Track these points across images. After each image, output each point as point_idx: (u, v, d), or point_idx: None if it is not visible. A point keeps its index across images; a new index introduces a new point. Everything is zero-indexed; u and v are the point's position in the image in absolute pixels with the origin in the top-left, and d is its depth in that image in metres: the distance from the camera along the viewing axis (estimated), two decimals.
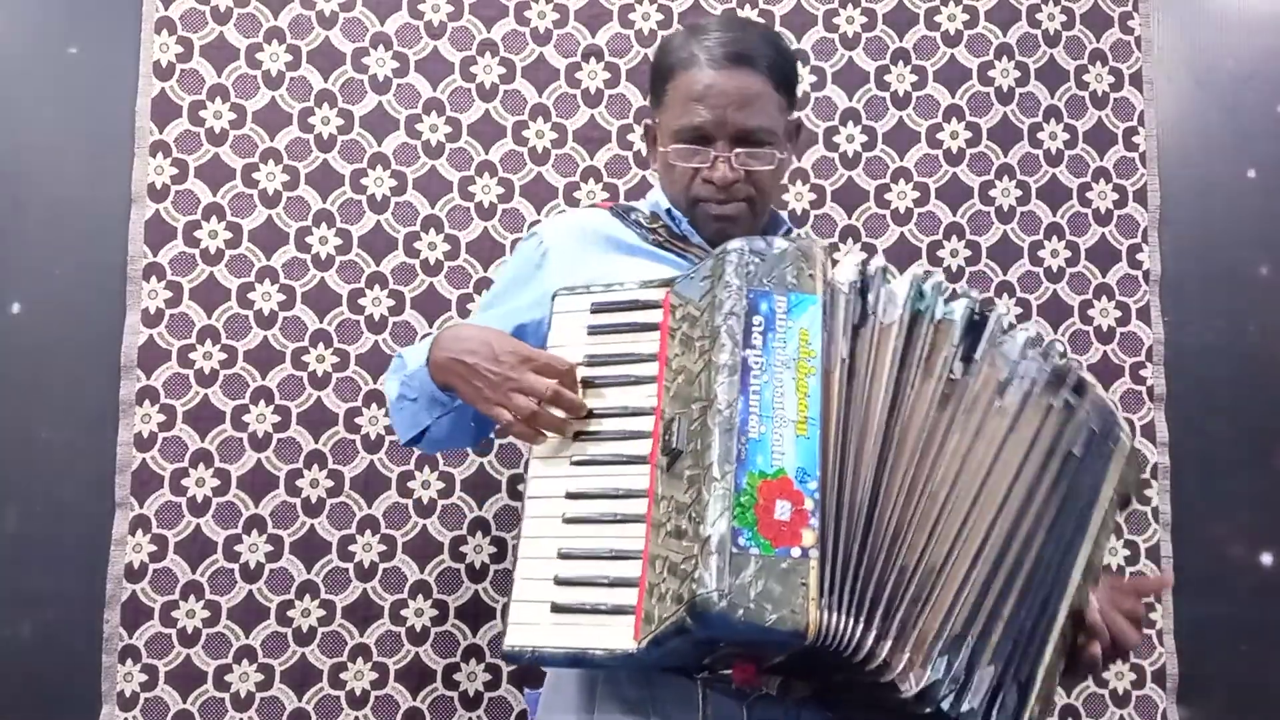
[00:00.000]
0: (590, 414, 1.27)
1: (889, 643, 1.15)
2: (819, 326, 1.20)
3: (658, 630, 1.12)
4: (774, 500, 1.11)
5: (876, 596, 1.16)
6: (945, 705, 1.15)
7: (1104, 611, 1.32)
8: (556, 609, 1.18)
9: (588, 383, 1.28)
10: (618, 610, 1.15)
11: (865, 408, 1.20)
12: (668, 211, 1.53)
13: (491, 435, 1.81)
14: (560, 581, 1.19)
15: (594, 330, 1.31)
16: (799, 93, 1.55)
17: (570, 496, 1.24)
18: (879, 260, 1.29)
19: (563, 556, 1.21)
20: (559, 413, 1.26)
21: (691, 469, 1.16)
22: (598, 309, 1.31)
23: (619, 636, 1.15)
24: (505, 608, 1.22)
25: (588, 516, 1.22)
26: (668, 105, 1.49)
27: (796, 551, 1.10)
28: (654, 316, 1.28)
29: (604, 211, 1.58)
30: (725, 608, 1.07)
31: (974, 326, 1.28)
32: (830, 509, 1.15)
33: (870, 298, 1.24)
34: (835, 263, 1.26)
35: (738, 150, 1.45)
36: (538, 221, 1.91)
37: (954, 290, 1.30)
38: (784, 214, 1.69)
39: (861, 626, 1.14)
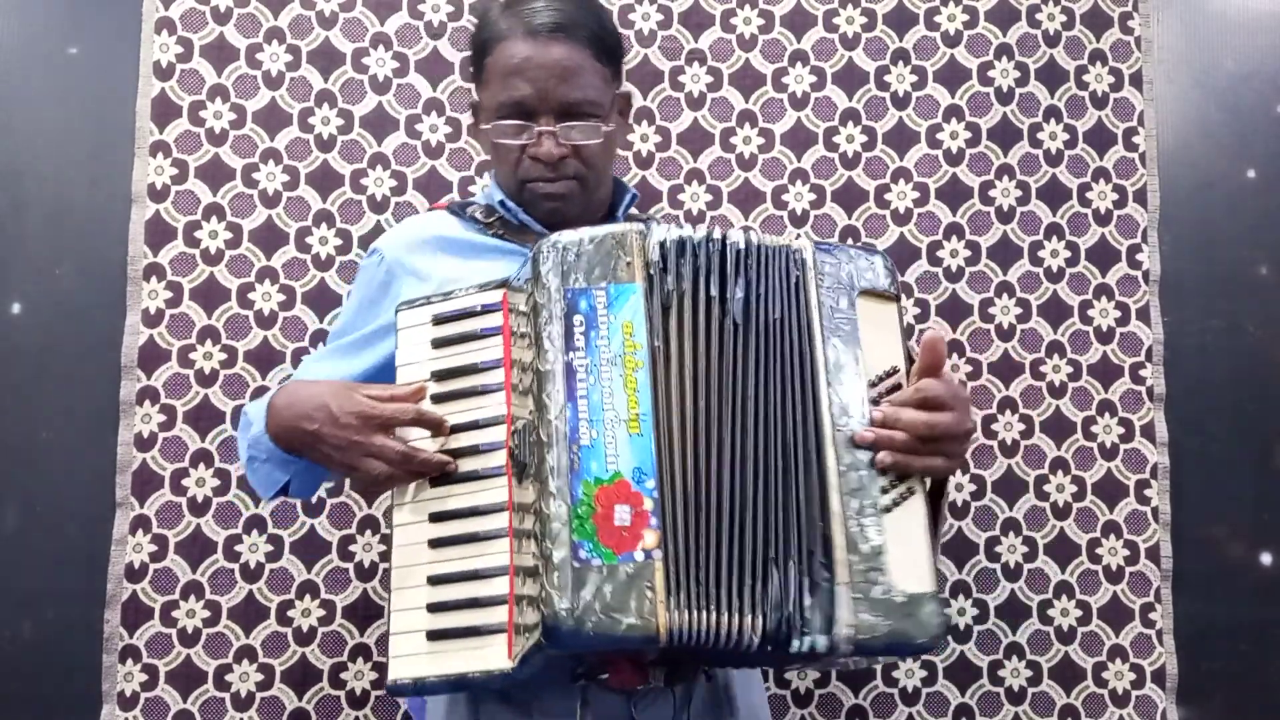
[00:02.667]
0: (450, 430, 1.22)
1: (745, 617, 1.13)
2: (642, 316, 1.17)
3: (523, 649, 1.12)
4: (613, 506, 1.11)
5: (726, 578, 1.13)
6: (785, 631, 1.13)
7: (884, 417, 1.20)
8: (432, 636, 1.16)
9: (438, 399, 1.23)
10: (491, 630, 1.14)
11: (688, 390, 1.17)
12: (501, 203, 1.47)
13: None
14: (433, 608, 1.17)
15: (439, 343, 1.25)
16: (624, 65, 1.49)
17: (434, 519, 1.20)
18: (681, 231, 1.22)
19: (433, 582, 1.18)
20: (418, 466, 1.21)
21: (534, 481, 1.15)
22: (439, 320, 1.26)
23: (494, 656, 1.13)
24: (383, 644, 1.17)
25: (452, 537, 1.19)
26: (487, 81, 1.43)
27: (640, 555, 1.10)
28: (495, 320, 1.23)
29: (441, 212, 1.53)
30: (573, 625, 1.07)
31: (724, 261, 1.22)
32: (673, 505, 1.13)
33: (669, 275, 1.20)
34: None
35: (562, 124, 1.39)
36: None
37: (709, 235, 1.23)
38: (634, 186, 1.63)
39: (726, 615, 1.12)
